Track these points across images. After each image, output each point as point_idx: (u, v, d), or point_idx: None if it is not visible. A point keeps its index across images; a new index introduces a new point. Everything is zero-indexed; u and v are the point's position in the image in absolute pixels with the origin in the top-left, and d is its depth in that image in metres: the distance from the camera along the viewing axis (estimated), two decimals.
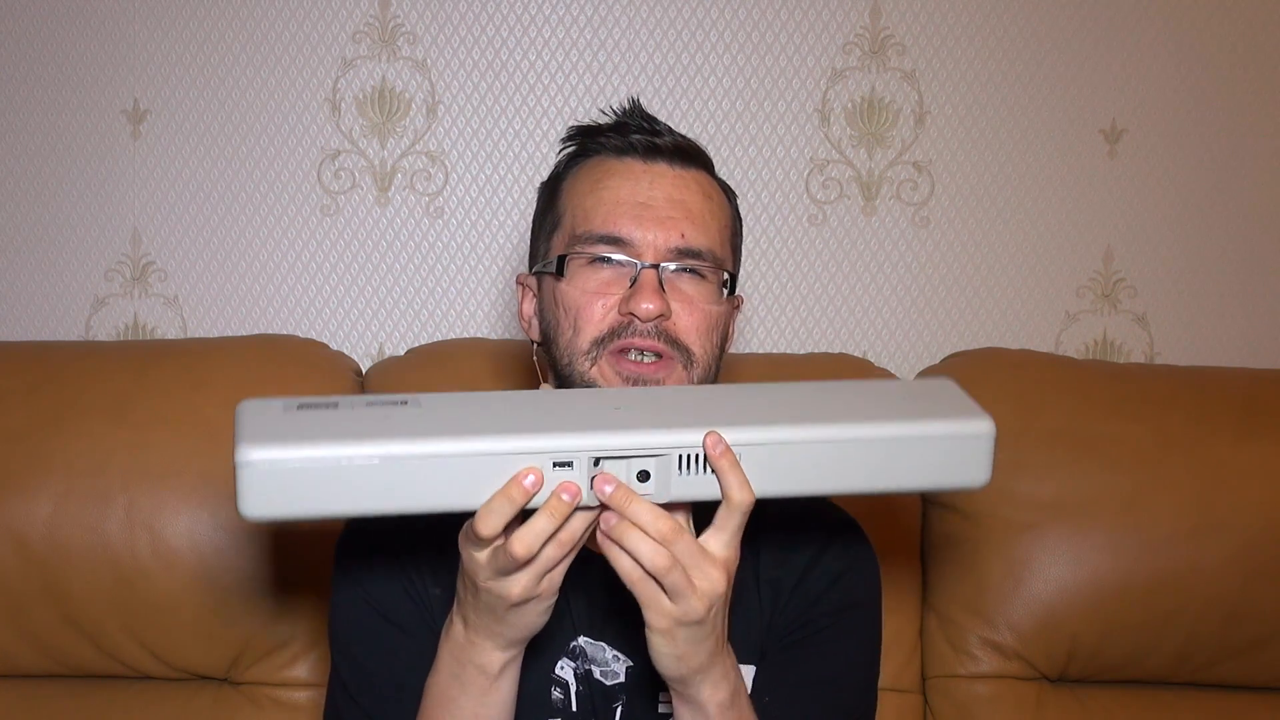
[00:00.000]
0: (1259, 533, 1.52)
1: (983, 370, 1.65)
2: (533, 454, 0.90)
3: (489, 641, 1.00)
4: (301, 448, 0.88)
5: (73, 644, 1.52)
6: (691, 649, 0.95)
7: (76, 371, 1.57)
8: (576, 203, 1.15)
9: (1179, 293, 1.88)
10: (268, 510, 0.89)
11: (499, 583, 0.94)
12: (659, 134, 1.15)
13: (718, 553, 0.93)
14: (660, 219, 1.12)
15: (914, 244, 1.87)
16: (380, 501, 0.90)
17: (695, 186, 1.15)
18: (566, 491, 0.90)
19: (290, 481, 0.88)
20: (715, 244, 1.14)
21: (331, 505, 0.90)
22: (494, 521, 0.91)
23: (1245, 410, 1.59)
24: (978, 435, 0.94)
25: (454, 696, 1.03)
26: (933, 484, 0.96)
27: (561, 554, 0.94)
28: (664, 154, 1.15)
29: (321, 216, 1.84)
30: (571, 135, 1.20)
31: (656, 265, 1.11)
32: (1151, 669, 1.56)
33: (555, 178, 1.20)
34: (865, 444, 0.93)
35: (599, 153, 1.17)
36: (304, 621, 1.53)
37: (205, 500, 1.51)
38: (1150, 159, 1.86)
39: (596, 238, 1.12)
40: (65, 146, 1.82)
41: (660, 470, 0.92)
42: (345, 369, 1.65)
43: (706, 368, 1.13)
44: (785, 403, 0.98)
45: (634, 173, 1.14)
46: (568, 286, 1.12)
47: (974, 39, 1.84)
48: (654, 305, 1.09)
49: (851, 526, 1.22)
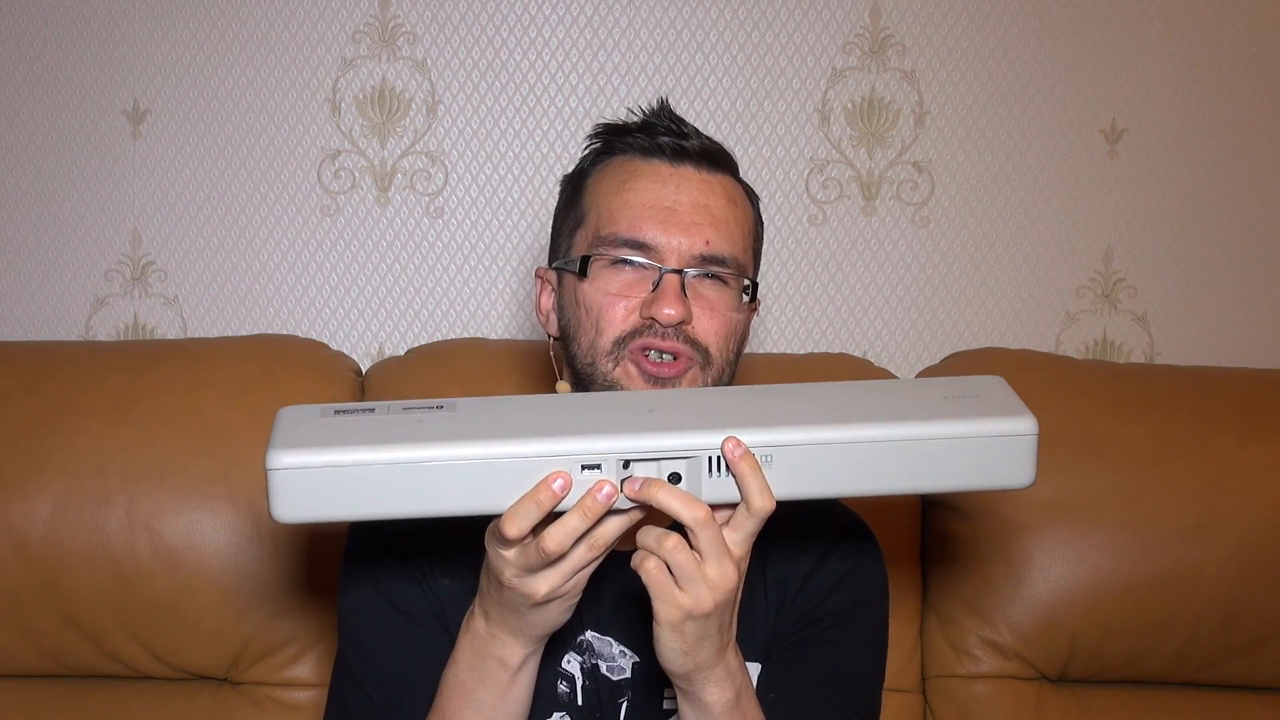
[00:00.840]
0: (1259, 533, 1.52)
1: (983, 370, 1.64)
2: (561, 457, 0.91)
3: (510, 636, 1.01)
4: (330, 452, 0.90)
5: (73, 644, 1.52)
6: (697, 645, 0.95)
7: (76, 371, 1.57)
8: (602, 202, 1.15)
9: (1179, 293, 1.88)
10: (299, 514, 0.91)
11: (525, 580, 0.94)
12: (686, 136, 1.15)
13: (733, 549, 0.93)
14: (685, 224, 1.12)
15: (914, 244, 1.87)
16: (409, 504, 0.91)
17: (721, 191, 1.15)
18: (600, 492, 0.91)
19: (319, 485, 0.90)
20: (738, 250, 1.15)
21: (361, 508, 0.91)
22: (521, 524, 0.91)
23: (1245, 410, 1.59)
24: (1019, 434, 0.93)
25: (473, 689, 1.03)
26: (976, 484, 0.95)
27: (592, 556, 0.94)
28: (691, 157, 1.15)
29: (321, 216, 1.84)
30: (598, 133, 1.20)
31: (680, 271, 1.11)
32: (1151, 669, 1.56)
33: (580, 173, 1.20)
34: (904, 444, 0.92)
35: (625, 152, 1.16)
36: (304, 621, 1.53)
37: (205, 500, 1.51)
38: (1150, 159, 1.86)
39: (621, 241, 1.12)
40: (65, 146, 1.82)
41: (691, 473, 0.92)
42: (345, 369, 1.65)
43: (721, 370, 1.13)
44: (822, 403, 0.97)
45: (660, 175, 1.14)
46: (590, 287, 1.12)
47: (974, 39, 1.84)
48: (676, 311, 1.09)
49: (859, 527, 1.22)
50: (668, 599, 0.93)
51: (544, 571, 0.94)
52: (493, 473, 0.90)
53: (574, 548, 0.93)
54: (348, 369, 1.66)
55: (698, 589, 0.92)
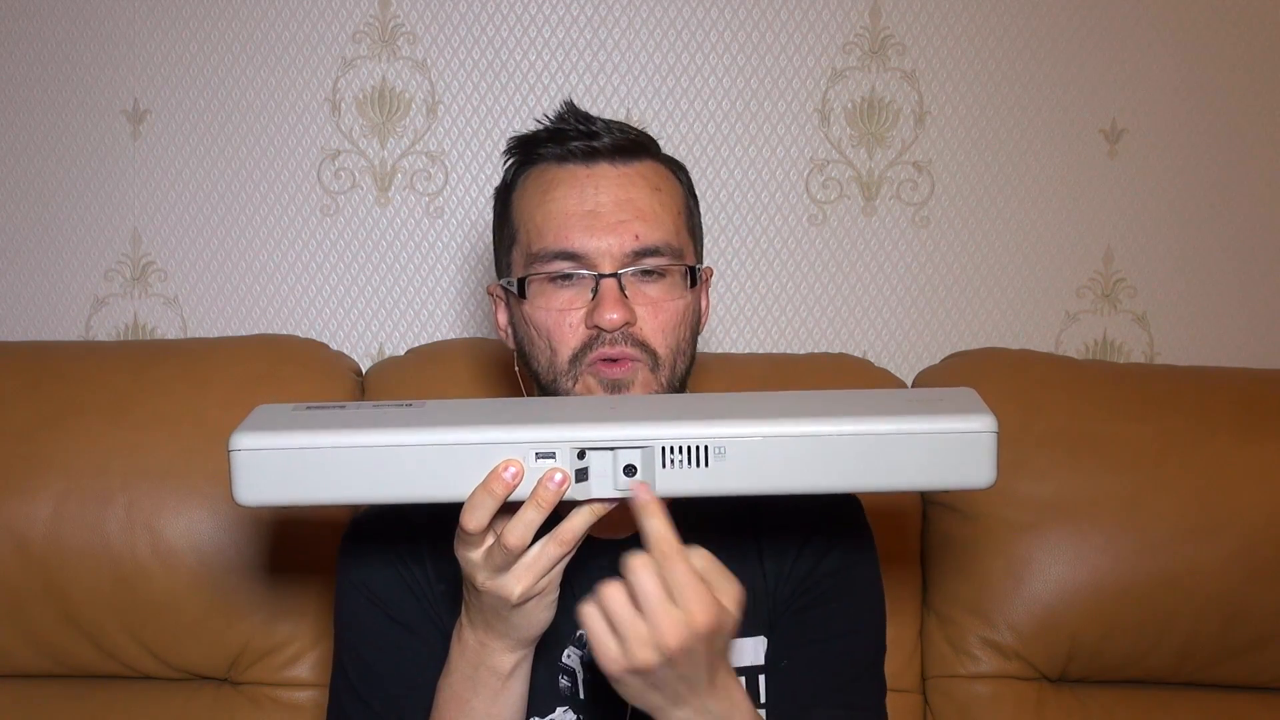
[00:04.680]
0: (1259, 533, 1.52)
1: (983, 370, 1.65)
2: (513, 444, 0.91)
3: (499, 643, 1.01)
4: (289, 436, 0.91)
5: (73, 644, 1.52)
6: (645, 693, 0.93)
7: (76, 371, 1.57)
8: (527, 217, 1.15)
9: (1179, 293, 1.88)
10: (259, 496, 0.92)
11: (498, 582, 0.94)
12: (596, 135, 1.14)
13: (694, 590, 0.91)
14: (610, 225, 1.11)
15: (914, 244, 1.87)
16: (366, 490, 0.92)
17: (641, 181, 1.14)
18: (552, 480, 0.90)
19: (277, 468, 0.91)
20: (671, 235, 1.13)
21: (319, 492, 0.92)
22: (479, 516, 0.91)
23: (1245, 410, 1.59)
24: (977, 431, 0.92)
25: (468, 699, 1.03)
26: (936, 483, 0.95)
27: (562, 552, 0.94)
28: (604, 154, 1.14)
29: (321, 216, 1.84)
30: (512, 147, 1.19)
31: (615, 274, 1.10)
32: (1151, 669, 1.56)
33: (505, 188, 1.20)
34: (860, 439, 0.92)
35: (541, 161, 1.16)
36: (304, 621, 1.53)
37: (205, 500, 1.51)
38: (1150, 159, 1.86)
39: (551, 254, 1.12)
40: (65, 146, 1.82)
41: (645, 463, 0.92)
42: (345, 369, 1.65)
43: (674, 365, 1.13)
44: (782, 401, 0.98)
45: (578, 179, 1.13)
46: (532, 309, 1.13)
47: (974, 39, 1.84)
48: (618, 315, 1.09)
49: (848, 498, 1.23)
50: (601, 651, 0.91)
51: (514, 570, 0.94)
52: (447, 459, 0.91)
53: (542, 544, 0.93)
54: (348, 369, 1.66)
55: (635, 645, 0.89)
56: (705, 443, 0.91)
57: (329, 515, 1.49)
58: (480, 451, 0.91)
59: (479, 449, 0.91)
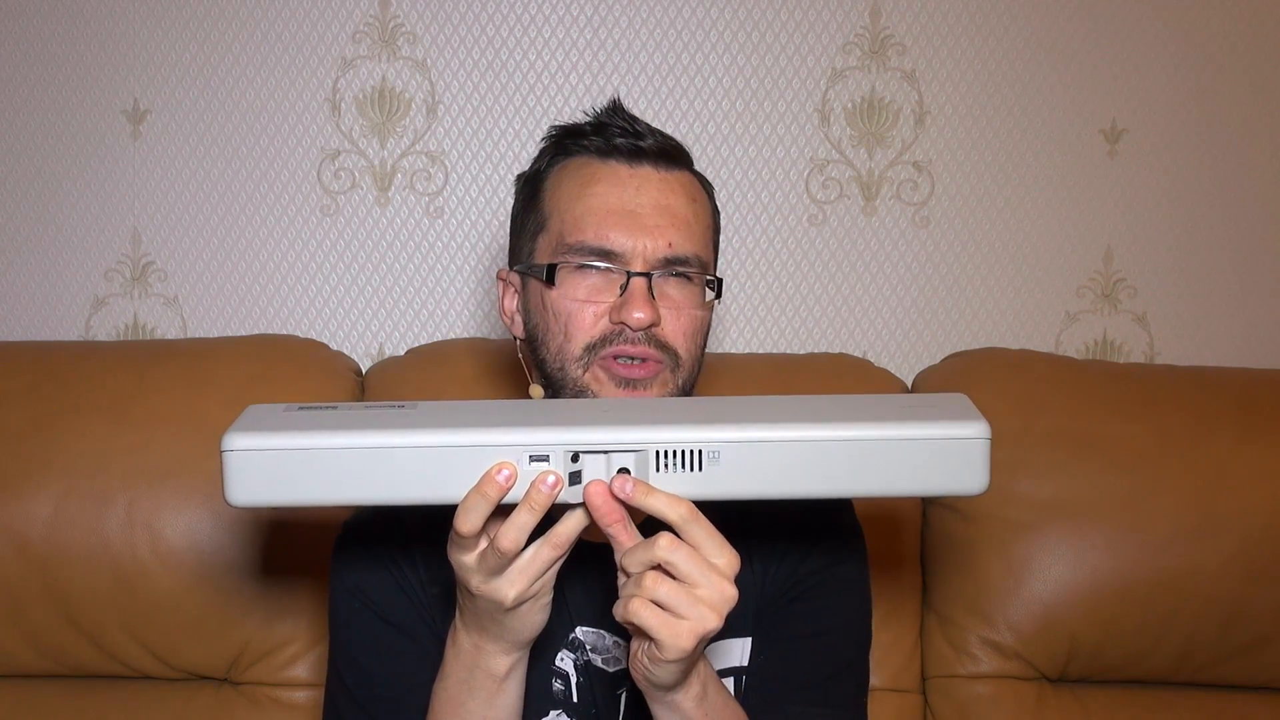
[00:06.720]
0: (1259, 533, 1.52)
1: (983, 370, 1.65)
2: (506, 446, 0.91)
3: (494, 645, 1.01)
4: (281, 436, 0.91)
5: (73, 644, 1.52)
6: (695, 661, 0.95)
7: (76, 371, 1.58)
8: (564, 208, 1.14)
9: (1179, 293, 1.88)
10: (251, 497, 0.92)
11: (491, 586, 0.94)
12: (641, 136, 1.15)
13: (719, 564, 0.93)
14: (648, 227, 1.12)
15: (914, 244, 1.87)
16: (359, 491, 0.92)
17: (680, 190, 1.15)
18: (545, 483, 0.90)
19: (269, 468, 0.91)
20: (700, 248, 1.15)
21: (311, 493, 0.92)
22: (472, 519, 0.91)
23: (1245, 410, 1.59)
24: (970, 438, 0.92)
25: (463, 701, 1.03)
26: (927, 489, 0.94)
27: (555, 555, 0.94)
28: (649, 157, 1.15)
29: (321, 216, 1.84)
30: (553, 135, 1.20)
31: (647, 274, 1.11)
32: (1151, 669, 1.56)
33: (536, 175, 1.19)
34: (853, 444, 0.92)
35: (581, 154, 1.16)
36: (304, 621, 1.53)
37: (205, 500, 1.51)
38: (1150, 159, 1.86)
39: (588, 249, 1.12)
40: (65, 146, 1.82)
41: (639, 466, 0.92)
42: (345, 369, 1.65)
43: (690, 369, 1.14)
44: (776, 406, 0.97)
45: (620, 177, 1.14)
46: (557, 294, 1.12)
47: (974, 39, 1.84)
48: (645, 315, 1.09)
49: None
50: (671, 632, 0.91)
51: (508, 574, 0.94)
52: (440, 461, 0.91)
53: (536, 547, 0.93)
54: (348, 369, 1.66)
55: (698, 609, 0.91)
56: (699, 447, 0.91)
57: (329, 515, 1.48)
58: (473, 454, 0.91)
59: (472, 451, 0.91)
